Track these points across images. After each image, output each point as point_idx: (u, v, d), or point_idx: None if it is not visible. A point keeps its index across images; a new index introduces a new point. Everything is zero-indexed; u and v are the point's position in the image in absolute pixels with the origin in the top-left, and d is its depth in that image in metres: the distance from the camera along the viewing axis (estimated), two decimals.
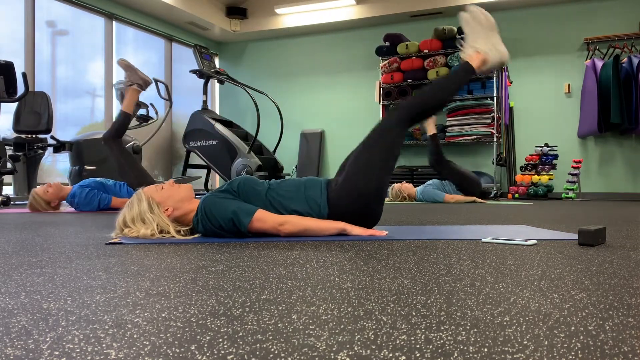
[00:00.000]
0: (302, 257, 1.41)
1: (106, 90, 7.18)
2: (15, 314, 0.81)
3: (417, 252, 1.52)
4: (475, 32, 2.15)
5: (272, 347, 0.63)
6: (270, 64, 8.99)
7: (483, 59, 2.12)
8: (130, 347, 0.64)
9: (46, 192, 3.90)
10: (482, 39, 2.13)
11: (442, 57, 7.35)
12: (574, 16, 7.16)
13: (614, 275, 1.12)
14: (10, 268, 1.27)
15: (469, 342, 0.65)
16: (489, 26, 2.14)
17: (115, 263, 1.33)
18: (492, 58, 2.14)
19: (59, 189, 3.97)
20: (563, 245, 1.67)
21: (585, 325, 0.73)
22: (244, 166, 6.24)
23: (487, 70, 2.22)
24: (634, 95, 6.52)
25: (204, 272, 1.19)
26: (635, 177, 6.89)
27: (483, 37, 2.14)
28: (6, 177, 5.30)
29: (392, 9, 7.72)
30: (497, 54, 2.14)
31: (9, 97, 4.76)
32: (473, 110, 7.11)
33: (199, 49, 7.25)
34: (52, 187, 3.94)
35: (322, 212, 1.94)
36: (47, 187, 3.93)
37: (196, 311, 0.82)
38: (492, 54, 2.13)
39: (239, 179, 1.99)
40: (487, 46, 2.13)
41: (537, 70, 7.33)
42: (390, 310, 0.82)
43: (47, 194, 3.90)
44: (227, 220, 1.82)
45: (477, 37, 2.14)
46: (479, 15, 2.15)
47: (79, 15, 6.86)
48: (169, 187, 1.95)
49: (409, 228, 2.29)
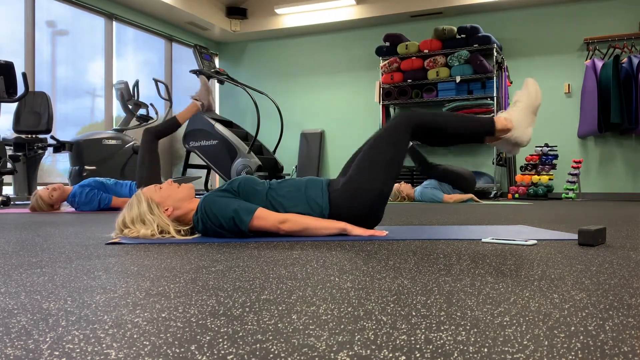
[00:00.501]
0: (302, 257, 1.41)
1: (106, 90, 7.18)
2: (15, 314, 0.81)
3: (417, 252, 1.52)
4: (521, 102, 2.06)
5: (272, 347, 0.63)
6: (270, 64, 9.00)
7: (508, 128, 2.03)
8: (130, 347, 0.64)
9: (51, 197, 3.90)
10: (522, 113, 2.05)
11: (442, 57, 7.35)
12: (574, 16, 7.16)
13: (614, 275, 1.12)
14: (10, 268, 1.27)
15: (469, 342, 0.65)
16: (534, 106, 2.06)
17: (115, 263, 1.33)
18: (515, 135, 2.03)
19: (63, 191, 3.97)
20: (563, 245, 1.67)
21: (585, 325, 0.73)
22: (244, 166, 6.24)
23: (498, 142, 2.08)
24: (634, 95, 6.52)
25: (204, 272, 1.19)
26: (635, 177, 6.89)
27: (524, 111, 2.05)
28: (6, 177, 5.30)
29: (392, 9, 7.72)
30: (521, 134, 2.03)
31: (9, 97, 4.76)
32: (473, 110, 7.11)
33: (199, 49, 7.25)
34: (56, 191, 3.93)
35: (323, 212, 1.94)
36: (51, 190, 3.92)
37: (196, 311, 0.82)
38: (517, 132, 2.03)
39: (240, 178, 1.99)
40: (520, 121, 2.03)
41: (537, 70, 7.33)
42: (390, 310, 0.82)
43: (51, 198, 3.90)
44: (228, 219, 1.82)
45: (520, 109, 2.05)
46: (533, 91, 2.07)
47: (79, 15, 6.86)
48: (167, 187, 1.95)
49: (409, 228, 2.29)
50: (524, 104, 2.06)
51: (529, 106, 2.05)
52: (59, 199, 3.95)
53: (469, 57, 7.11)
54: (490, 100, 7.10)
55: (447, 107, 7.27)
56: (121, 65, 7.47)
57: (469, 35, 7.18)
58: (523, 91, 2.09)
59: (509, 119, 2.03)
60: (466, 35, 7.19)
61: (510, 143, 2.06)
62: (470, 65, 7.13)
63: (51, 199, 3.90)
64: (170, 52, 8.41)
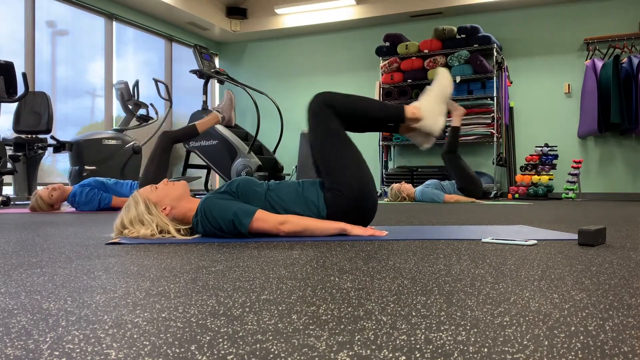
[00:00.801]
0: (302, 257, 1.41)
1: (106, 90, 7.18)
2: (15, 314, 0.81)
3: (417, 252, 1.52)
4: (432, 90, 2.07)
5: (272, 347, 0.63)
6: (270, 64, 9.00)
7: (418, 117, 2.03)
8: (130, 347, 0.64)
9: (50, 197, 3.90)
10: (431, 102, 2.05)
11: (442, 57, 7.35)
12: (574, 16, 7.16)
13: (614, 275, 1.12)
14: (10, 268, 1.27)
15: (469, 342, 0.65)
16: (444, 94, 2.06)
17: (115, 263, 1.33)
18: (426, 124, 2.04)
19: (63, 191, 3.97)
20: (563, 245, 1.67)
21: (585, 325, 0.73)
22: (244, 166, 6.24)
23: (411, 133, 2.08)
24: (634, 95, 6.52)
25: (204, 272, 1.19)
26: (635, 177, 6.89)
27: (433, 100, 2.05)
28: (6, 177, 5.30)
29: (392, 9, 7.72)
30: (432, 123, 2.04)
31: (9, 97, 4.76)
32: (473, 110, 7.11)
33: (199, 49, 7.25)
34: (56, 191, 3.93)
35: (321, 213, 1.95)
36: (51, 190, 3.92)
37: (196, 311, 0.82)
38: (428, 121, 2.04)
39: (238, 179, 1.99)
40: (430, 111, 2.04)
41: (537, 70, 7.33)
42: (390, 310, 0.82)
43: (51, 198, 3.90)
44: (228, 222, 1.82)
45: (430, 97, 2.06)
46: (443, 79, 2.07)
47: (79, 15, 6.86)
48: (163, 186, 1.95)
49: (409, 228, 2.29)
50: (434, 92, 2.07)
51: (439, 95, 2.06)
52: (59, 198, 3.95)
53: (469, 57, 7.11)
54: (490, 100, 7.10)
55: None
56: (121, 65, 7.47)
57: (469, 35, 7.18)
58: (435, 81, 2.10)
59: (418, 107, 2.05)
60: (466, 35, 7.19)
61: (422, 134, 2.07)
62: (470, 65, 7.13)
63: (51, 199, 3.90)
64: (170, 52, 8.41)
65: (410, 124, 2.05)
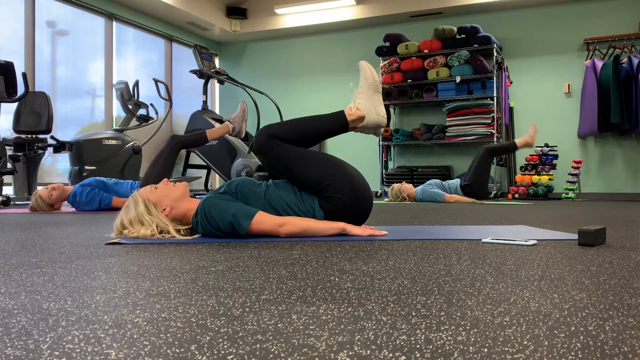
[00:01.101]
0: (302, 257, 1.41)
1: (106, 90, 7.18)
2: (15, 314, 0.81)
3: (417, 252, 1.52)
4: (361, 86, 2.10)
5: (272, 347, 0.63)
6: (270, 64, 9.00)
7: (360, 117, 2.06)
8: (130, 347, 0.64)
9: (50, 196, 3.90)
10: (365, 97, 2.07)
11: (442, 57, 7.35)
12: (574, 16, 7.16)
13: (614, 275, 1.12)
14: (10, 268, 1.27)
15: (469, 342, 0.65)
16: (374, 85, 2.08)
17: (115, 263, 1.33)
18: (370, 119, 2.07)
19: (63, 190, 3.97)
20: (563, 245, 1.67)
21: (585, 325, 0.73)
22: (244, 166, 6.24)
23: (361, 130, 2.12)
24: (634, 95, 6.52)
25: (204, 272, 1.19)
26: (635, 177, 6.89)
27: (366, 95, 2.08)
28: (6, 177, 5.30)
29: (392, 9, 7.72)
30: (375, 117, 2.07)
31: (9, 97, 4.76)
32: (473, 110, 7.11)
33: (199, 49, 7.25)
34: (55, 190, 3.93)
35: (316, 214, 1.96)
36: (50, 190, 3.93)
37: (196, 311, 0.82)
38: (371, 116, 2.07)
39: (238, 180, 1.99)
40: (368, 106, 2.07)
41: (537, 70, 7.33)
42: (390, 311, 0.82)
43: (51, 197, 3.90)
44: (227, 224, 1.82)
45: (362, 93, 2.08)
46: (366, 71, 2.09)
47: (79, 15, 6.86)
48: (163, 187, 1.95)
49: (409, 228, 2.29)
50: (363, 87, 2.09)
51: (369, 87, 2.09)
52: (59, 198, 3.95)
53: (469, 57, 7.11)
54: (490, 100, 7.10)
55: (447, 107, 7.27)
56: (121, 65, 7.47)
57: (469, 35, 7.18)
58: (360, 77, 2.12)
59: (355, 107, 2.08)
60: (466, 35, 7.19)
61: (370, 127, 2.10)
62: (470, 65, 7.13)
63: (50, 199, 3.90)
64: (170, 52, 8.41)
65: (356, 124, 2.08)
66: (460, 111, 7.18)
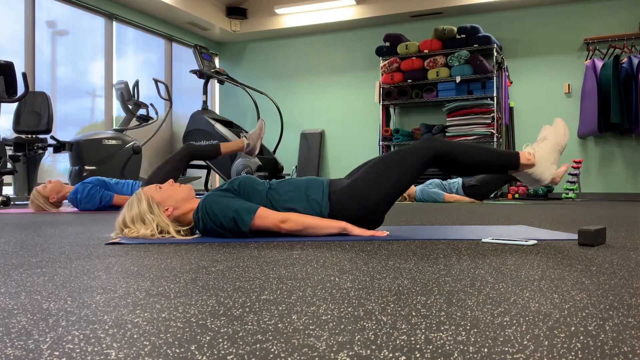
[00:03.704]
0: (302, 257, 1.41)
1: (106, 91, 7.18)
2: (15, 314, 0.81)
3: (417, 252, 1.52)
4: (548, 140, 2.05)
5: (272, 347, 0.63)
6: (270, 64, 8.99)
7: (531, 164, 2.01)
8: (130, 347, 0.64)
9: (44, 187, 3.94)
10: (547, 151, 2.04)
11: (442, 57, 7.35)
12: (574, 16, 7.16)
13: (614, 275, 1.12)
14: (10, 268, 1.27)
15: (469, 342, 0.65)
16: (561, 145, 2.05)
17: (115, 263, 1.33)
18: (537, 172, 2.01)
19: (59, 185, 3.99)
20: (563, 245, 1.67)
21: (585, 325, 0.73)
22: (244, 166, 6.24)
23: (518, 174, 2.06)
24: (634, 95, 6.52)
25: (204, 272, 1.19)
26: (635, 177, 6.89)
27: (550, 149, 2.04)
28: (6, 177, 5.30)
29: (392, 9, 7.72)
30: (545, 172, 2.02)
31: (9, 97, 4.76)
32: (473, 110, 7.11)
33: (199, 49, 7.25)
34: (51, 183, 3.97)
35: (322, 212, 1.94)
36: (47, 183, 3.98)
37: (196, 311, 0.82)
38: (540, 168, 2.01)
39: (240, 178, 1.99)
40: (544, 159, 2.02)
41: (537, 70, 7.33)
42: (390, 310, 0.82)
43: (45, 189, 3.93)
44: (229, 219, 1.82)
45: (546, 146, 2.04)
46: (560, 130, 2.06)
47: (79, 15, 6.86)
48: (168, 187, 1.95)
49: (409, 228, 2.29)
50: (550, 142, 2.05)
51: (555, 144, 2.04)
52: (54, 190, 3.95)
53: (469, 57, 7.11)
54: (490, 100, 7.10)
55: (447, 107, 7.27)
56: (121, 65, 7.47)
57: (469, 35, 7.18)
58: (552, 129, 2.07)
59: (533, 154, 2.03)
60: (466, 35, 7.19)
61: (531, 178, 2.04)
62: (470, 65, 7.13)
63: (45, 190, 3.92)
64: (170, 52, 8.41)
65: (523, 168, 2.03)
66: (460, 111, 7.18)
